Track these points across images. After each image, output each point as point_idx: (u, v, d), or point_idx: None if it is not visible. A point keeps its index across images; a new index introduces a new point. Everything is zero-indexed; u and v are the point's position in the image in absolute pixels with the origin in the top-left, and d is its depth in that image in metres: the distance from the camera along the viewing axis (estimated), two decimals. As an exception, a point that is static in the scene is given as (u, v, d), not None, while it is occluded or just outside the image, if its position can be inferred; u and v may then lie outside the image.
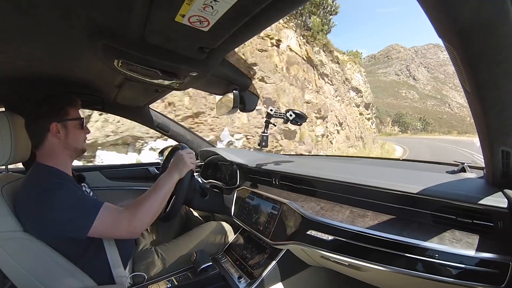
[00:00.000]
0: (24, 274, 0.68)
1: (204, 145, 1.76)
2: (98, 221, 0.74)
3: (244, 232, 1.19)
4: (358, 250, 0.69)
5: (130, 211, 0.80)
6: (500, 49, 0.41)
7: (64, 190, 0.75)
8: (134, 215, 0.80)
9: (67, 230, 0.73)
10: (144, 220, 0.82)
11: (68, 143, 0.85)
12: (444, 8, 0.38)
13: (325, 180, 0.92)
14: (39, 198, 0.72)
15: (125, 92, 1.13)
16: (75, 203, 0.74)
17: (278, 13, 0.50)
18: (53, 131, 0.82)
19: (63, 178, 0.81)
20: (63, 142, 0.84)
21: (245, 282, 0.94)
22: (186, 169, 0.97)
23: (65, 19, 0.55)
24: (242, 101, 1.08)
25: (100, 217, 0.75)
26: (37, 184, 0.75)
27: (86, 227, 0.73)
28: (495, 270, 0.52)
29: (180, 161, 0.97)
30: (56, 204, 0.72)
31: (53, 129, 0.82)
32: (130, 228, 0.79)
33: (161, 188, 0.89)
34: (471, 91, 0.49)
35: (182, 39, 0.58)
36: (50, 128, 0.81)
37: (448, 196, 0.63)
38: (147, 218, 0.83)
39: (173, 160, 0.99)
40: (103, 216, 0.75)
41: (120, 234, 0.80)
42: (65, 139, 0.84)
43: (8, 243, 0.68)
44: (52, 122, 0.82)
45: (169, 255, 1.03)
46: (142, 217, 0.81)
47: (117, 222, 0.78)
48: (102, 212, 0.75)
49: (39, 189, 0.73)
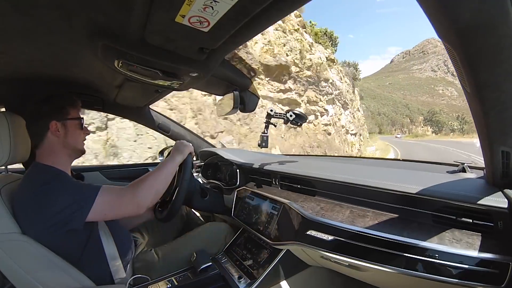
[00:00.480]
0: (23, 275, 0.68)
1: (204, 145, 1.76)
2: (100, 200, 0.76)
3: (244, 232, 1.19)
4: (358, 250, 0.69)
5: (133, 186, 0.83)
6: (500, 49, 0.41)
7: (61, 181, 0.77)
8: (137, 189, 0.82)
9: (67, 217, 0.72)
10: (147, 195, 0.84)
11: (67, 142, 0.85)
12: (444, 9, 0.38)
13: (325, 180, 0.92)
14: (37, 193, 0.72)
15: (125, 92, 1.13)
16: (73, 190, 0.76)
17: (279, 13, 0.50)
18: (52, 129, 0.82)
19: (62, 175, 0.81)
20: (62, 141, 0.84)
21: (245, 282, 0.94)
22: (187, 150, 1.03)
23: (65, 20, 0.55)
24: (242, 102, 1.09)
25: (101, 196, 0.76)
26: (35, 182, 0.75)
27: (85, 209, 0.74)
28: (495, 270, 0.52)
29: (180, 144, 1.04)
30: (54, 194, 0.73)
31: (52, 127, 0.82)
32: (134, 202, 0.81)
33: (164, 167, 0.93)
34: (471, 91, 0.49)
35: (182, 40, 0.58)
36: (49, 126, 0.82)
37: (448, 196, 0.63)
38: (151, 192, 0.85)
39: (173, 147, 1.05)
40: (104, 195, 0.77)
41: (125, 210, 0.81)
42: (64, 138, 0.85)
43: (7, 245, 0.68)
44: (52, 120, 0.82)
45: (169, 256, 1.03)
46: (146, 191, 0.84)
47: (119, 198, 0.80)
48: (102, 192, 0.77)
49: (36, 186, 0.74)
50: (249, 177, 1.31)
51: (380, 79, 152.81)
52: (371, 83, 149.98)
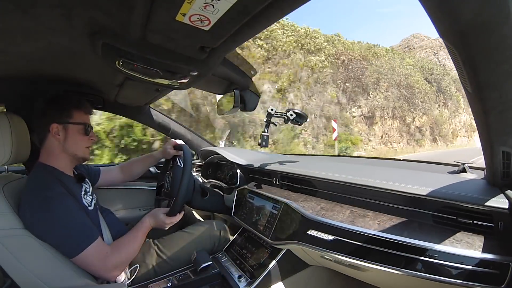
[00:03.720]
0: (25, 271, 0.68)
1: (205, 144, 1.76)
2: (83, 255, 0.74)
3: (244, 232, 1.19)
4: (358, 250, 0.69)
5: (115, 255, 0.80)
6: (501, 49, 0.41)
7: (67, 207, 0.76)
8: (114, 265, 0.80)
9: (57, 247, 0.73)
10: (121, 268, 0.84)
11: (66, 147, 0.84)
12: (445, 9, 0.38)
13: (326, 180, 0.92)
14: (43, 204, 0.73)
15: (126, 91, 1.13)
16: (72, 226, 0.75)
17: (279, 13, 0.50)
18: (52, 131, 0.81)
19: (64, 182, 0.81)
20: (61, 145, 0.83)
21: (245, 282, 0.94)
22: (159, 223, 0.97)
23: (66, 19, 0.55)
24: (243, 101, 1.08)
25: (88, 251, 0.75)
26: (43, 188, 0.75)
27: (72, 255, 0.74)
28: (495, 270, 0.52)
29: (158, 220, 0.96)
30: (57, 219, 0.73)
31: (53, 130, 0.81)
32: (108, 273, 0.79)
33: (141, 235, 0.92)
34: (472, 91, 0.49)
35: (183, 38, 0.58)
36: (50, 128, 0.81)
37: (448, 197, 0.63)
38: (125, 263, 0.85)
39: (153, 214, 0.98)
40: (90, 251, 0.75)
41: (99, 273, 0.79)
42: (64, 142, 0.83)
43: (9, 241, 0.68)
44: (53, 122, 0.81)
45: (167, 246, 1.02)
46: (122, 265, 0.83)
47: (100, 262, 0.77)
48: (90, 248, 0.75)
49: (44, 195, 0.74)
50: (250, 176, 1.31)
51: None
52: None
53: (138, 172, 1.24)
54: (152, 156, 1.25)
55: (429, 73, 19.21)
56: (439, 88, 18.61)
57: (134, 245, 0.88)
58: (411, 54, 24.55)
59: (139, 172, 1.24)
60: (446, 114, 18.43)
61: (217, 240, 1.16)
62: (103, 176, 1.15)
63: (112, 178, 1.18)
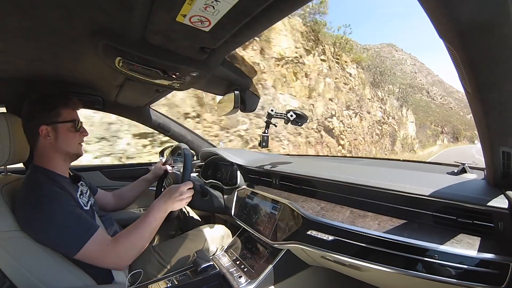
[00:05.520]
0: (23, 273, 0.68)
1: (205, 145, 1.76)
2: (85, 249, 0.73)
3: (244, 232, 1.19)
4: (359, 250, 0.69)
5: (118, 245, 0.78)
6: (501, 50, 0.41)
7: (60, 204, 0.74)
8: (121, 252, 0.78)
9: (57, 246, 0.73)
10: (131, 256, 0.80)
11: (59, 146, 0.82)
12: (445, 9, 0.38)
13: (326, 181, 0.92)
14: (36, 205, 0.71)
15: (126, 92, 1.13)
16: (69, 222, 0.73)
17: (279, 14, 0.50)
18: (42, 134, 0.80)
19: (59, 182, 0.80)
20: (53, 145, 0.82)
21: (245, 282, 0.94)
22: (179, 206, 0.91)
23: (66, 19, 0.55)
24: (243, 101, 1.08)
25: (88, 246, 0.73)
26: (35, 189, 0.74)
27: (73, 251, 0.72)
28: (495, 270, 0.52)
29: (173, 190, 0.90)
30: (51, 218, 0.71)
31: (42, 132, 0.80)
32: (115, 263, 0.78)
33: (153, 221, 0.85)
34: (472, 91, 0.49)
35: (183, 39, 0.58)
36: (39, 131, 0.79)
37: (448, 197, 0.63)
38: (134, 253, 0.81)
39: (165, 191, 0.93)
40: (91, 245, 0.73)
41: (107, 266, 0.78)
42: (55, 143, 0.81)
43: (8, 243, 0.68)
44: (42, 124, 0.79)
45: (167, 254, 1.02)
46: (130, 253, 0.80)
47: (104, 254, 0.76)
48: (91, 241, 0.73)
49: (37, 195, 0.73)
50: (249, 177, 1.31)
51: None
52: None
53: (130, 199, 1.22)
54: (144, 179, 1.25)
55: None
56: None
57: (144, 230, 0.83)
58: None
59: (131, 200, 1.22)
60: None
61: (220, 245, 1.16)
62: (98, 197, 1.12)
63: (105, 202, 1.15)
